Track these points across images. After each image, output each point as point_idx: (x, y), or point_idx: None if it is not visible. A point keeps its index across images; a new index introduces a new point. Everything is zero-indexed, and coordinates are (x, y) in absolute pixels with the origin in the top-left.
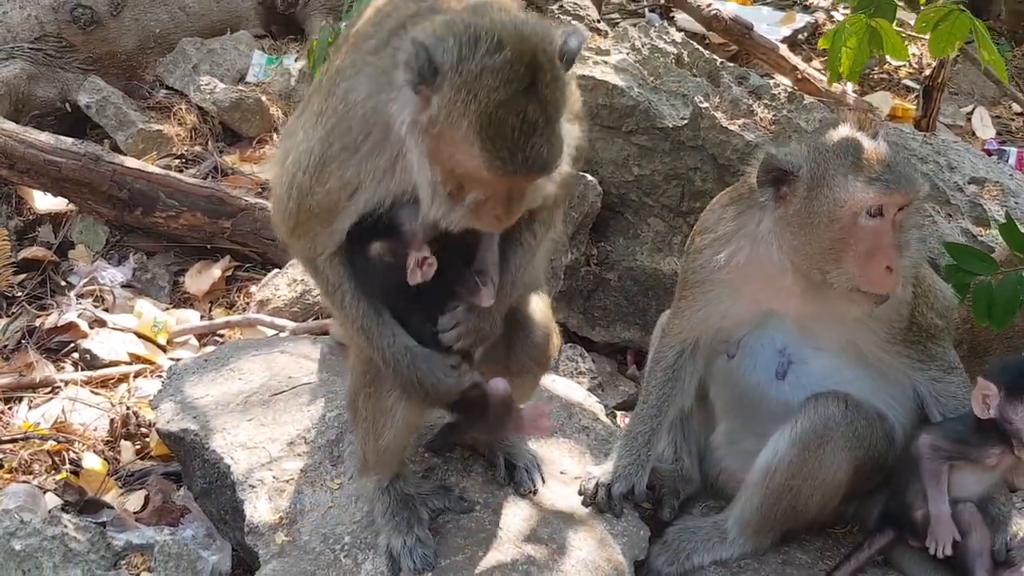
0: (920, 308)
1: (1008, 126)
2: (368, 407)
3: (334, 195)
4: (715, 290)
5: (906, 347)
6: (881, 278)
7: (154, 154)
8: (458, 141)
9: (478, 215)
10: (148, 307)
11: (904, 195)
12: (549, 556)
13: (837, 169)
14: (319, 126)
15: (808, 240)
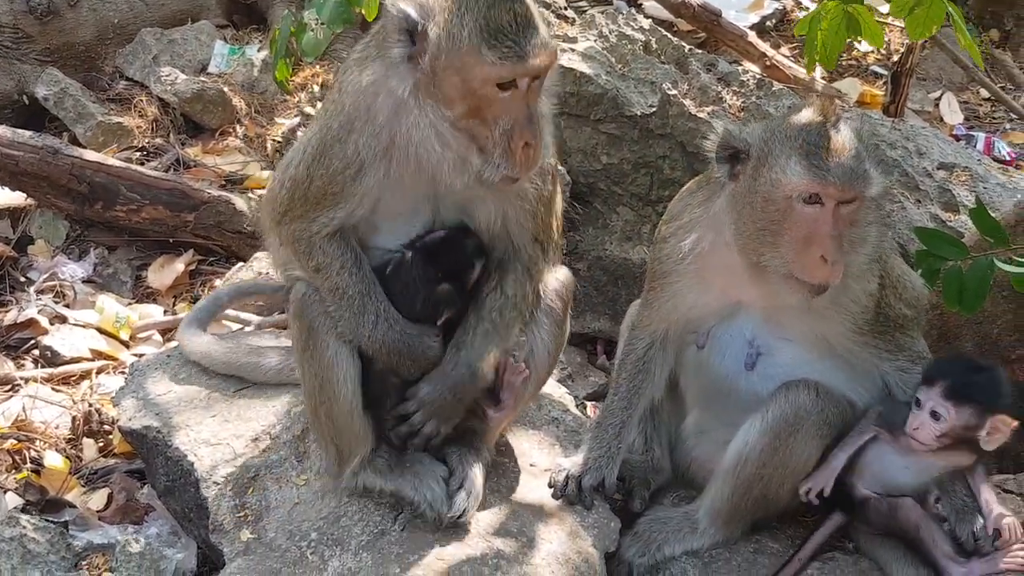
0: (887, 299)
1: (976, 112)
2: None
3: (338, 177)
4: (682, 280)
5: (874, 337)
6: (814, 267)
7: (114, 147)
8: (464, 58)
9: (512, 153)
10: (110, 302)
11: (840, 189)
12: (519, 549)
13: (781, 150)
14: (317, 122)
15: (748, 219)
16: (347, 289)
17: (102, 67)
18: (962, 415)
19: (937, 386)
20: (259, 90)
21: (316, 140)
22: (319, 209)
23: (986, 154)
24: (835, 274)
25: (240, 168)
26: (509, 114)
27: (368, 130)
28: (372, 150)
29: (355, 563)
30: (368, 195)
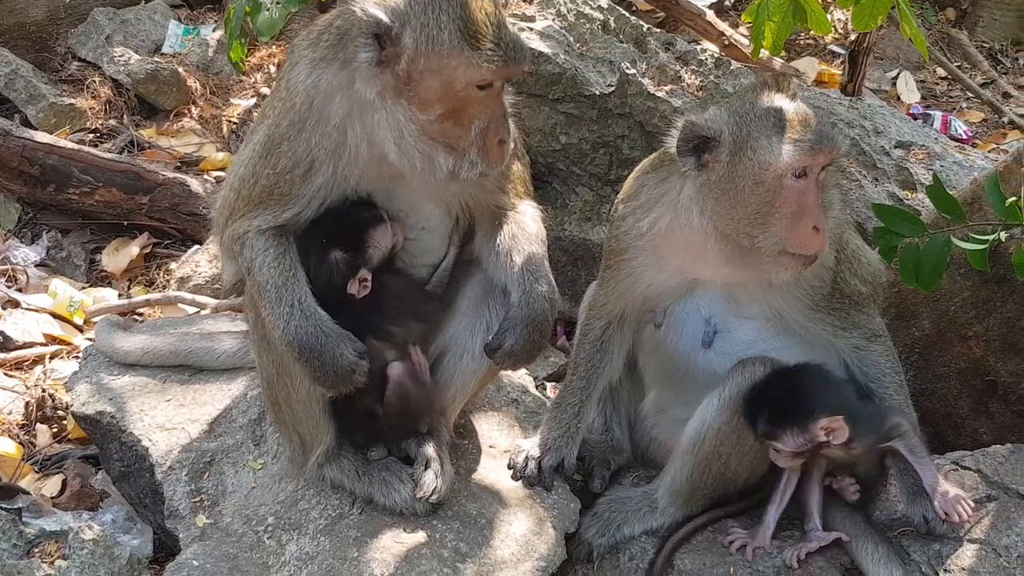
0: (843, 274)
1: (933, 90)
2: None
3: (285, 176)
4: (639, 258)
5: (829, 314)
6: (809, 238)
7: (67, 128)
8: (444, 60)
9: (487, 148)
10: (63, 286)
11: (827, 154)
12: (478, 531)
13: (760, 132)
14: (264, 123)
15: (734, 205)
16: (266, 283)
17: (54, 47)
18: (788, 440)
19: (756, 428)
20: (214, 71)
21: (263, 138)
22: (261, 208)
23: (943, 133)
24: (825, 241)
25: (195, 150)
26: (485, 113)
27: (320, 130)
28: (324, 149)
29: (313, 547)
30: (316, 197)
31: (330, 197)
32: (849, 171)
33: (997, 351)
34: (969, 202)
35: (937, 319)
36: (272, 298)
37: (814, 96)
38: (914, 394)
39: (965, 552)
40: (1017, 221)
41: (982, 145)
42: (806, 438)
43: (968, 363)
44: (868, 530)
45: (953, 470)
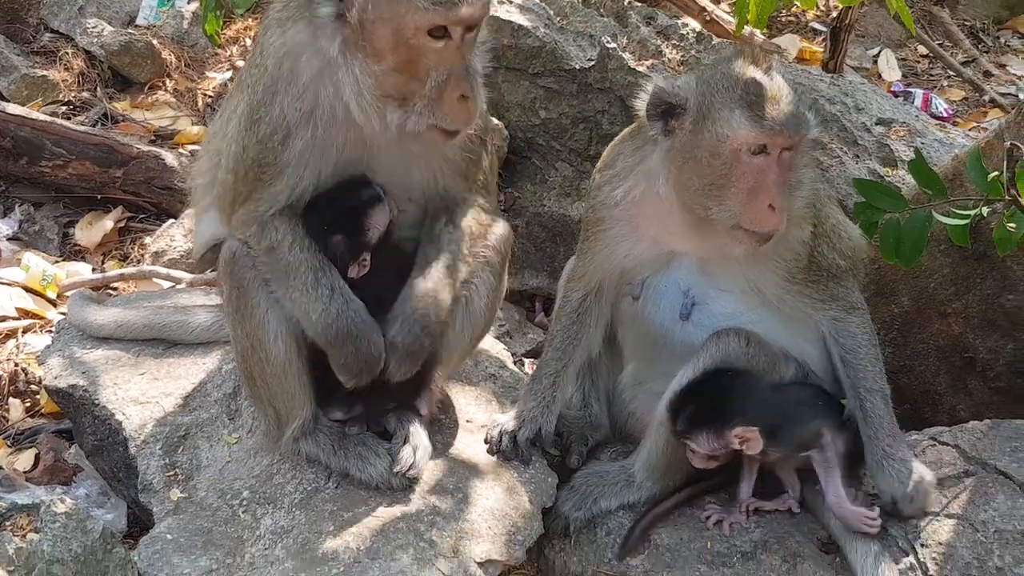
0: (820, 248)
1: (914, 68)
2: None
3: (268, 143)
4: (615, 228)
5: (806, 287)
6: (763, 216)
7: (39, 101)
8: (394, 7)
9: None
10: (36, 260)
11: (788, 136)
12: (455, 506)
13: (723, 103)
14: (243, 93)
15: (692, 175)
16: (299, 265)
17: (26, 19)
18: (703, 443)
19: (674, 424)
20: (189, 43)
21: (244, 108)
22: (261, 187)
23: (923, 110)
24: (782, 220)
25: (170, 123)
26: (443, 66)
27: (292, 91)
28: (297, 112)
29: (288, 521)
30: (302, 165)
31: (320, 167)
32: (830, 148)
33: (976, 328)
34: (950, 179)
35: (916, 296)
36: (309, 280)
37: (795, 73)
38: (892, 371)
39: (943, 527)
40: (999, 196)
41: (963, 123)
42: (720, 443)
43: (947, 340)
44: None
45: (931, 446)
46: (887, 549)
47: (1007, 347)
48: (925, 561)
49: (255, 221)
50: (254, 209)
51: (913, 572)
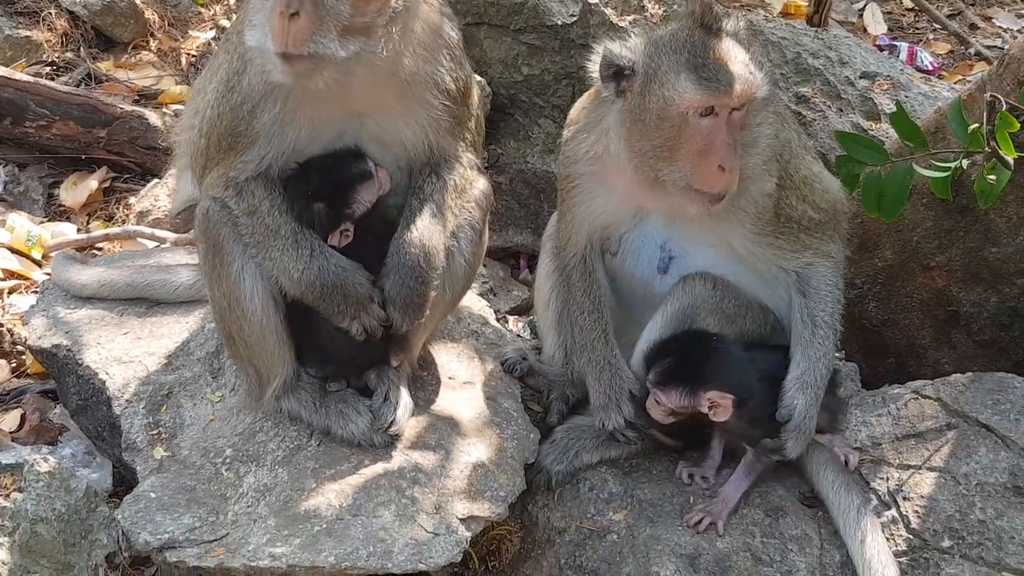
0: (789, 199)
1: (899, 22)
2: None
3: (237, 113)
4: (586, 184)
5: (776, 238)
6: (713, 177)
7: (23, 61)
8: None
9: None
10: (21, 221)
11: (735, 96)
12: (437, 462)
13: (669, 66)
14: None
15: (641, 137)
16: (280, 227)
17: None
18: (672, 397)
19: (650, 372)
20: (172, 2)
21: (222, 73)
22: (233, 154)
23: (909, 64)
24: (733, 181)
25: (154, 83)
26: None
27: (259, 60)
28: (263, 82)
29: (271, 478)
30: (267, 135)
31: (291, 139)
32: (813, 102)
33: (959, 281)
34: (933, 131)
35: (899, 249)
36: (289, 241)
37: (779, 27)
38: (876, 325)
39: (925, 480)
40: (979, 148)
41: (948, 76)
42: (689, 403)
43: (930, 293)
44: (829, 459)
45: (913, 399)
46: (869, 502)
47: (990, 300)
48: (907, 514)
49: (230, 184)
50: (225, 174)
51: (895, 525)
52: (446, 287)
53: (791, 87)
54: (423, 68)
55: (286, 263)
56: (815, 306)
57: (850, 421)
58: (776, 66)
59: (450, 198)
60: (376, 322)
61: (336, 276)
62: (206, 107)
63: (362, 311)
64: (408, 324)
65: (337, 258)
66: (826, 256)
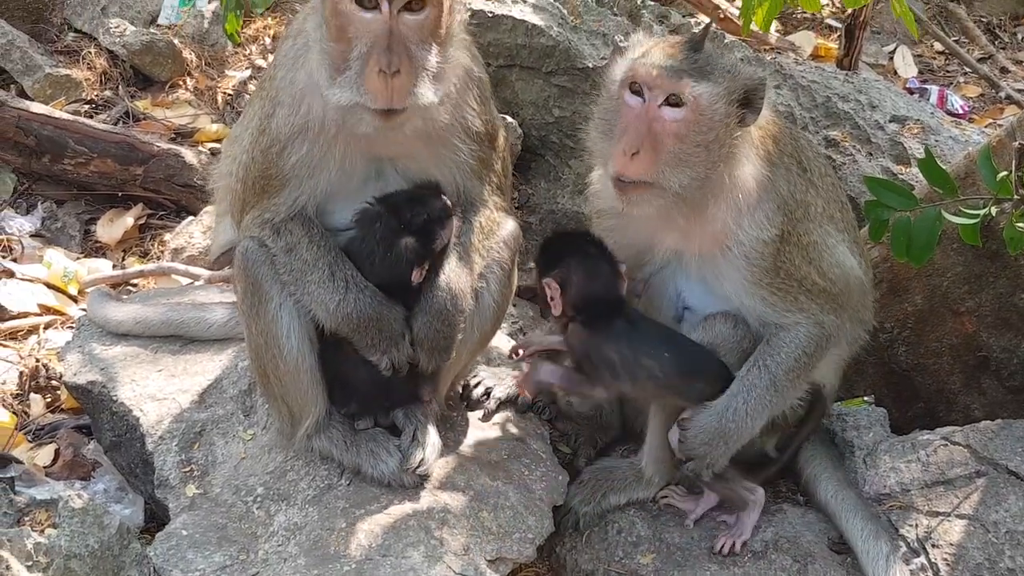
0: (790, 256)
1: (930, 65)
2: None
3: (267, 156)
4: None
5: (772, 293)
6: (619, 158)
7: (62, 99)
8: None
9: (365, 76)
10: (58, 257)
11: (656, 74)
12: (466, 503)
13: (633, 50)
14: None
15: (597, 111)
16: (317, 260)
17: (50, 19)
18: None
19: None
20: (210, 42)
21: (256, 119)
22: (266, 197)
23: (939, 107)
24: (642, 171)
25: (190, 121)
26: (368, 37)
27: (288, 102)
28: (290, 125)
29: (301, 517)
30: (297, 177)
31: (320, 181)
32: (843, 145)
33: (990, 326)
34: (962, 177)
35: (929, 294)
36: (325, 274)
37: (809, 71)
38: (906, 369)
39: (954, 528)
40: (1008, 195)
41: (979, 120)
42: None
43: (960, 338)
44: (858, 505)
45: (943, 446)
46: (898, 549)
47: (1021, 346)
48: (936, 562)
49: (266, 224)
50: (261, 215)
51: (924, 573)
52: (474, 327)
53: (820, 131)
54: (452, 111)
55: (323, 296)
56: (769, 352)
57: (879, 467)
58: (805, 110)
59: (477, 240)
60: (404, 358)
61: (373, 309)
62: (241, 152)
63: (393, 347)
64: (434, 365)
65: (373, 291)
66: (816, 324)
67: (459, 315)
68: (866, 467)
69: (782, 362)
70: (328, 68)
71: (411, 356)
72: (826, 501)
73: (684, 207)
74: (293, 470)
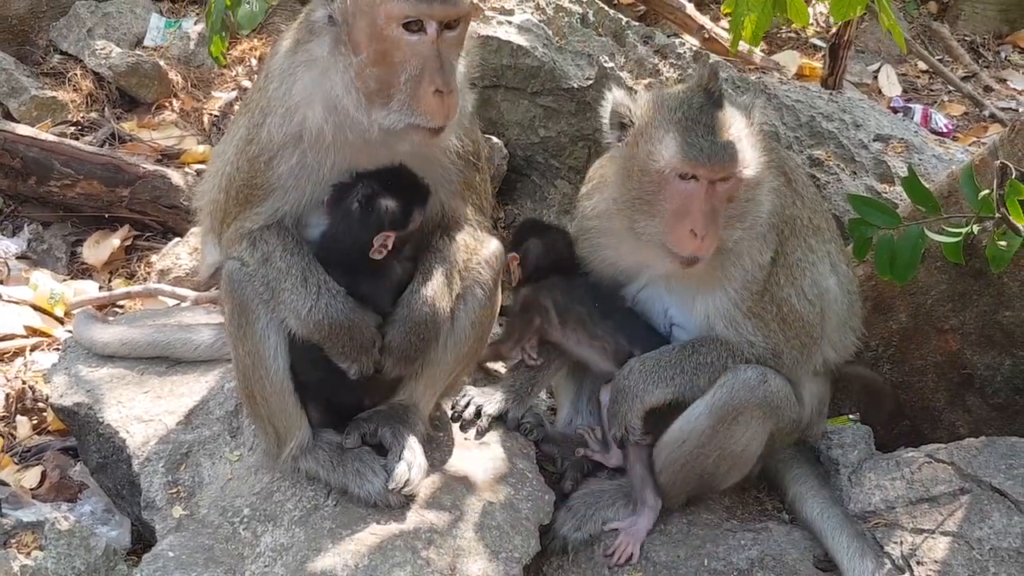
0: (776, 275)
1: (914, 84)
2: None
3: (254, 164)
4: (597, 238)
5: (748, 318)
6: (685, 240)
7: (48, 121)
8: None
9: (419, 97)
10: (44, 278)
11: (713, 169)
12: (452, 523)
13: (661, 123)
14: (245, 114)
15: (626, 187)
16: (291, 268)
17: (36, 40)
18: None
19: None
20: (196, 63)
21: (242, 130)
22: (249, 207)
23: (923, 126)
24: (704, 248)
25: (176, 142)
26: (418, 60)
27: (281, 112)
28: (283, 134)
29: (288, 538)
30: (283, 187)
31: (306, 191)
32: (827, 165)
33: (974, 344)
34: (946, 195)
35: (914, 312)
36: (298, 279)
37: (793, 90)
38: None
39: (938, 545)
40: (990, 214)
41: (963, 139)
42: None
43: (945, 356)
44: (844, 523)
45: (927, 463)
46: (883, 567)
47: (1005, 363)
48: None
49: (244, 237)
50: (241, 226)
51: None
52: (447, 345)
53: (805, 150)
54: None
55: (295, 301)
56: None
57: (864, 484)
58: (790, 129)
59: (460, 259)
60: (372, 365)
61: (344, 316)
62: (225, 164)
63: (363, 354)
64: (397, 373)
65: (345, 297)
66: (775, 355)
67: (435, 329)
68: (851, 485)
69: (707, 354)
70: (362, 92)
71: (378, 362)
72: (811, 519)
73: (728, 253)
74: (280, 491)
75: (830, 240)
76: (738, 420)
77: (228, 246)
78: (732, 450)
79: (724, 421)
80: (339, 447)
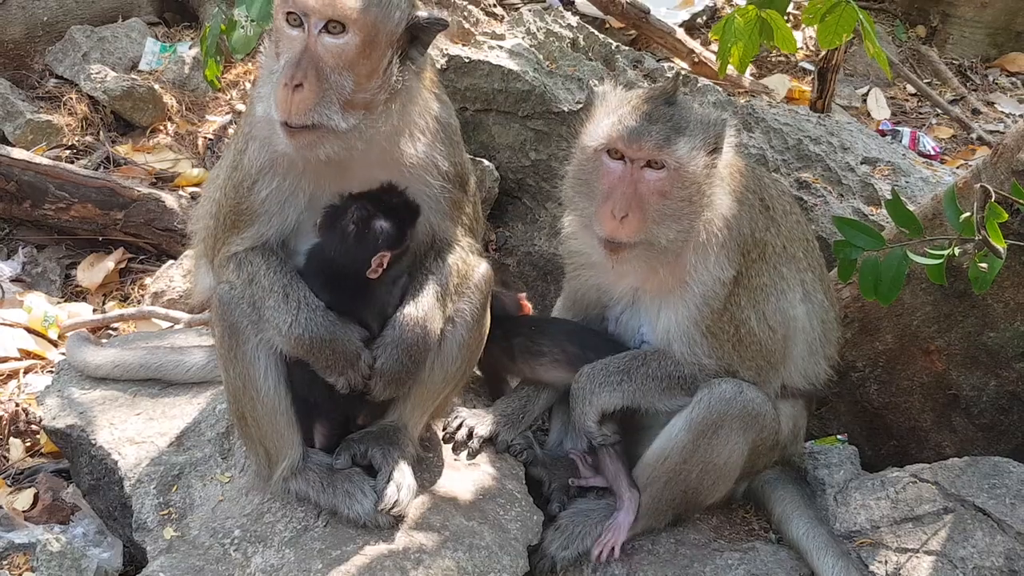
0: (738, 295)
1: (903, 107)
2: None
3: (239, 190)
4: (574, 258)
5: (704, 337)
6: (606, 219)
7: (44, 145)
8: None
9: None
10: (38, 301)
11: (635, 147)
12: (441, 543)
13: (608, 111)
14: (235, 139)
15: (574, 172)
16: (273, 285)
17: (31, 65)
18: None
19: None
20: (190, 87)
21: (230, 157)
22: (236, 232)
23: (911, 149)
24: (623, 232)
25: (171, 166)
26: (289, 54)
27: (259, 137)
28: (259, 160)
29: (278, 559)
30: (266, 212)
31: (288, 215)
32: (815, 187)
33: (959, 365)
34: (930, 217)
35: (900, 333)
36: (280, 296)
37: (782, 113)
38: (877, 408)
39: (922, 564)
40: (972, 236)
41: (951, 161)
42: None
43: (931, 377)
44: (829, 542)
45: (912, 483)
46: None
47: (990, 384)
48: None
49: (233, 260)
50: (228, 250)
51: None
52: (434, 366)
53: (792, 172)
54: (421, 150)
55: (276, 318)
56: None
57: (850, 504)
58: (777, 152)
59: (451, 281)
60: (361, 379)
61: (325, 330)
62: (216, 190)
63: (349, 367)
64: (387, 395)
65: (325, 312)
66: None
67: (426, 351)
68: (837, 504)
69: (657, 368)
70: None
71: (367, 376)
72: (798, 538)
73: (668, 256)
74: (270, 512)
75: (807, 269)
76: (718, 433)
77: (219, 271)
78: (714, 463)
79: (704, 435)
80: (329, 468)
